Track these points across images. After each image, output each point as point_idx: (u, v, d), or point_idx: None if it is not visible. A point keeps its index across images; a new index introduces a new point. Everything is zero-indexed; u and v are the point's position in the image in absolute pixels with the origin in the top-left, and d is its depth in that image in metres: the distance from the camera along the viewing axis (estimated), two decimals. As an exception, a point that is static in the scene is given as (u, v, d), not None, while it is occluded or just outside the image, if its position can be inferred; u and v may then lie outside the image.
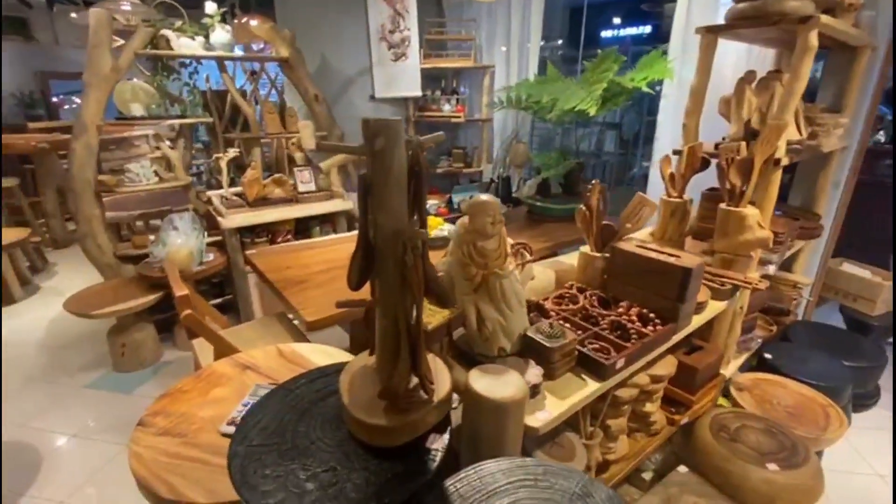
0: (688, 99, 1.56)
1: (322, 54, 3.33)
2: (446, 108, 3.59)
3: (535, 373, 0.91)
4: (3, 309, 3.14)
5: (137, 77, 3.05)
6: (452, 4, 3.68)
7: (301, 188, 2.96)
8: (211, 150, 3.18)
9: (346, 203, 2.98)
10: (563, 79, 2.57)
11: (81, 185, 2.50)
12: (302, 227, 2.96)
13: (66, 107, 6.67)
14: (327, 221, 3.06)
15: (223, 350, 1.59)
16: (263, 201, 2.82)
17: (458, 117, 3.53)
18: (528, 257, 1.15)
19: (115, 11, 2.61)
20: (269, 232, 2.80)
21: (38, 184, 4.41)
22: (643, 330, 1.07)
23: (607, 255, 1.26)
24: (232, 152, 2.70)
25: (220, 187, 3.00)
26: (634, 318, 1.12)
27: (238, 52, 3.13)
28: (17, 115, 5.79)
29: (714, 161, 1.40)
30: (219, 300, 2.99)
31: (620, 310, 1.16)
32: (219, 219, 2.58)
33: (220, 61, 2.82)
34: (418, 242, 0.68)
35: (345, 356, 1.36)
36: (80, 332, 2.78)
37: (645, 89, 2.20)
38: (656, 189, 2.61)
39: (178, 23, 2.63)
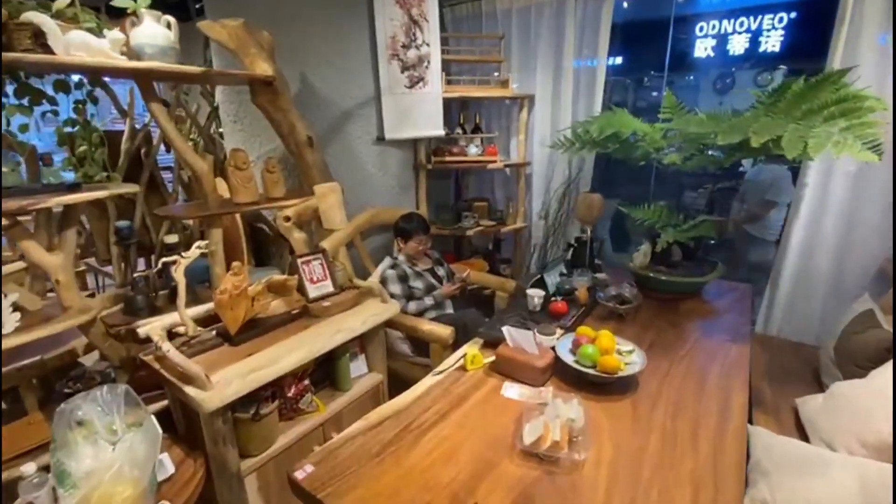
0: None
1: (303, 76, 2.17)
2: (472, 150, 2.66)
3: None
4: None
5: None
6: (458, 18, 2.82)
7: (313, 292, 1.75)
8: (127, 243, 1.75)
9: (391, 306, 1.84)
10: (725, 114, 1.85)
11: None
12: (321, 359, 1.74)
13: None
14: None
15: None
16: (253, 326, 1.56)
17: (493, 161, 2.62)
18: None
19: None
20: (273, 385, 1.53)
21: None
22: None
23: None
24: (196, 248, 1.41)
25: (155, 310, 1.64)
26: None
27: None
28: None
29: None
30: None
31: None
32: (189, 391, 1.26)
33: (144, 80, 1.52)
34: None
35: None
36: None
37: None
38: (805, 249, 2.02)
39: (64, 3, 1.31)
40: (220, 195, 1.81)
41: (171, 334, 1.46)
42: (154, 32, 1.41)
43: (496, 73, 2.72)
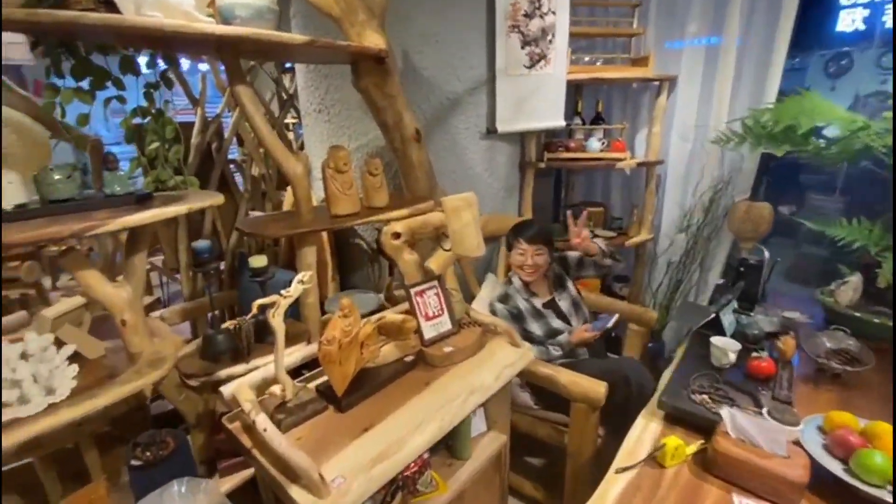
0: None
1: (404, 54, 1.76)
2: (593, 144, 2.18)
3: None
4: None
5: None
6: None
7: (429, 332, 1.35)
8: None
9: (525, 352, 1.41)
10: None
11: None
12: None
13: None
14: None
15: None
16: (361, 381, 1.18)
17: (622, 159, 2.13)
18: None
19: None
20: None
21: None
22: None
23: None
24: (297, 283, 1.04)
25: (238, 354, 1.29)
26: None
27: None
28: None
29: None
30: None
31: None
32: (295, 496, 0.89)
33: (233, 53, 1.15)
34: None
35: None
36: None
37: None
38: None
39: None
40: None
41: (272, 402, 1.10)
42: (250, -12, 1.03)
43: (623, 51, 2.21)
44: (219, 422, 1.20)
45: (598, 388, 1.39)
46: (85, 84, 1.14)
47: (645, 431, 1.17)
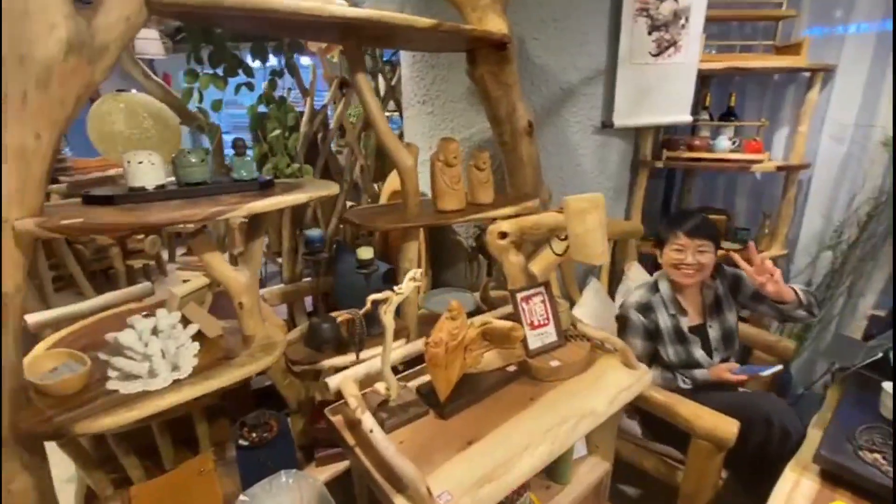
0: None
1: (520, 41, 1.66)
2: (722, 143, 1.92)
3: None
4: None
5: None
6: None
7: (534, 342, 1.25)
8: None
9: (642, 375, 1.24)
10: None
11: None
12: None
13: None
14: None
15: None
16: (463, 387, 1.11)
17: (759, 161, 1.86)
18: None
19: None
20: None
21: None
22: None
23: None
24: (410, 280, 0.99)
25: (341, 343, 1.28)
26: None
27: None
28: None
29: None
30: None
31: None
32: (402, 507, 0.84)
33: (354, 39, 1.12)
34: None
35: None
36: None
37: None
38: None
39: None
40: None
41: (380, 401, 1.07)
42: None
43: (764, 37, 1.93)
44: (319, 410, 1.20)
45: (728, 427, 1.19)
46: (219, 71, 1.19)
47: (796, 490, 0.98)
